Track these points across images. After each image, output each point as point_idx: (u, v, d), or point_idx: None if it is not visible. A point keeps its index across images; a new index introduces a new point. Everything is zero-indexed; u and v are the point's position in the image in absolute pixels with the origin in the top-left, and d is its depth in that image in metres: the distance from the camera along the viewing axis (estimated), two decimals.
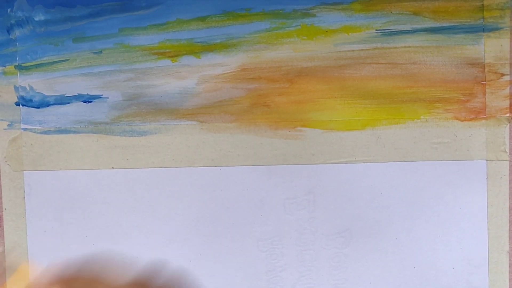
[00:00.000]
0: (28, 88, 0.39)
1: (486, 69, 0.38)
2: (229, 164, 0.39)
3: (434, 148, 0.39)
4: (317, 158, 0.39)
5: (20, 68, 0.39)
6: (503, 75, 0.38)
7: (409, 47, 0.38)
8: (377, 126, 0.39)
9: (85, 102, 0.39)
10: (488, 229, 0.39)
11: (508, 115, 0.38)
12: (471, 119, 0.38)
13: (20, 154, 0.39)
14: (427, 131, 0.38)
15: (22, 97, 0.39)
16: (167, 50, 0.39)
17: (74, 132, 0.39)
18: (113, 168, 0.39)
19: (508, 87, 0.38)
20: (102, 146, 0.39)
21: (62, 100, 0.39)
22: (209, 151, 0.39)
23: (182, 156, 0.39)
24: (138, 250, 0.39)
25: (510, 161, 0.38)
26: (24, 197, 0.39)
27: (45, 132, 0.39)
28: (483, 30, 0.38)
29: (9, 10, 0.39)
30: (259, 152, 0.39)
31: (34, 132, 0.39)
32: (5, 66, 0.39)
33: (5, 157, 0.39)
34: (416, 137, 0.39)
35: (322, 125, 0.39)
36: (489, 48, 0.38)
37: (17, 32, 0.39)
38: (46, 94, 0.39)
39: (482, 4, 0.38)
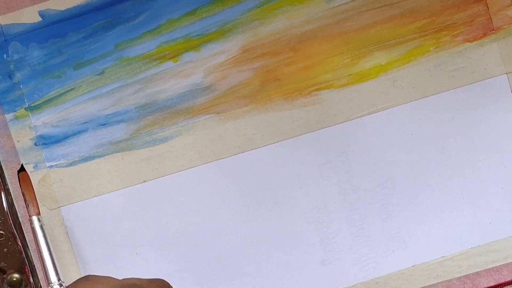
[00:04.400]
0: (43, 126, 0.39)
1: None
2: (256, 146, 0.39)
3: (452, 76, 0.38)
4: (340, 117, 0.39)
5: (31, 108, 0.39)
6: None
7: None
8: (389, 70, 0.38)
9: (101, 125, 0.39)
10: None
11: None
12: (480, 38, 0.38)
13: (52, 192, 0.39)
14: (441, 62, 0.38)
15: (40, 136, 0.39)
16: (167, 52, 0.39)
17: (98, 156, 0.39)
18: (144, 181, 0.39)
19: None
20: (128, 163, 0.39)
21: (79, 129, 0.39)
22: (233, 140, 0.39)
23: (208, 151, 0.39)
24: (191, 253, 0.39)
25: None
26: (67, 232, 0.39)
27: (71, 164, 0.39)
28: None
29: (5, 56, 0.39)
30: (281, 127, 0.39)
31: (60, 167, 0.39)
32: (15, 111, 0.39)
33: (38, 199, 0.39)
34: (431, 71, 0.38)
35: (335, 84, 0.38)
36: None
37: (18, 75, 0.39)
38: (62, 127, 0.39)
39: None
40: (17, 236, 0.38)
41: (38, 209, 0.38)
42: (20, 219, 0.39)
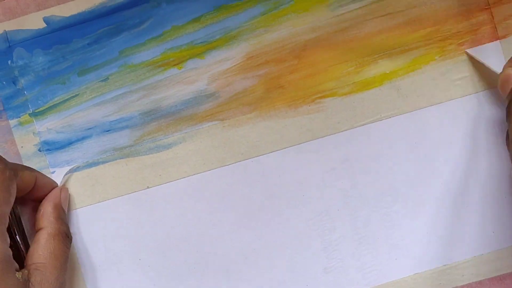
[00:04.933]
0: (47, 132, 0.39)
1: None
2: (259, 153, 0.39)
3: (457, 85, 0.38)
4: (343, 125, 0.39)
5: (35, 114, 0.39)
6: None
7: None
8: (394, 78, 0.38)
9: (105, 131, 0.39)
10: None
11: None
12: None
13: None
14: (445, 70, 0.38)
15: (44, 142, 0.39)
16: (171, 59, 0.39)
17: (103, 162, 0.39)
18: (148, 187, 0.39)
19: None
20: (132, 169, 0.39)
21: (83, 135, 0.39)
22: (236, 146, 0.39)
23: (212, 158, 0.39)
24: (194, 259, 0.39)
25: None
26: None
27: (75, 170, 0.39)
28: None
29: (9, 62, 0.39)
30: (285, 134, 0.39)
31: None
32: (20, 117, 0.39)
33: None
34: (435, 79, 0.38)
35: (339, 92, 0.38)
36: None
37: (22, 81, 0.39)
38: (66, 133, 0.39)
39: None
40: (18, 237, 0.38)
41: None
42: (21, 220, 0.39)
